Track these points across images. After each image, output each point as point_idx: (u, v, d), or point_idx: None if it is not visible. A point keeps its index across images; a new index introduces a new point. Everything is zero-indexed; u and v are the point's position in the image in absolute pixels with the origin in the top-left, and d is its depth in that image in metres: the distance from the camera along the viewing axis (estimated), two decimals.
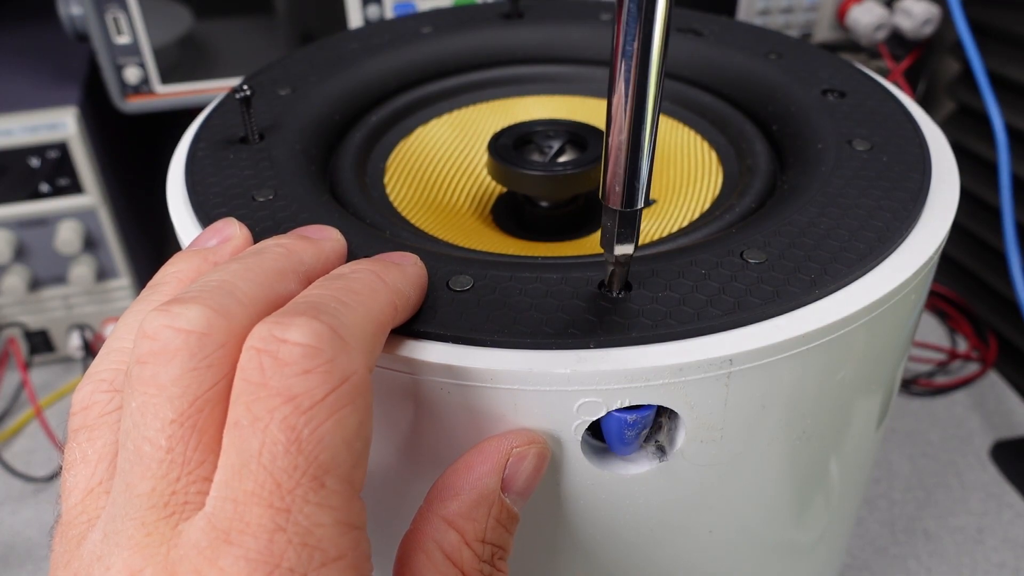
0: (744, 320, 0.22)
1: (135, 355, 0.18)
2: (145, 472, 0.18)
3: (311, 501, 0.17)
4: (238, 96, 0.29)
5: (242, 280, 0.19)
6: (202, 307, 0.18)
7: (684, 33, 0.38)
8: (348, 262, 0.22)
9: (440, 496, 0.21)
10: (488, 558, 0.20)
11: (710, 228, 0.29)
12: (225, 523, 0.17)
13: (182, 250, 0.23)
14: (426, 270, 0.23)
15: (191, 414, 0.18)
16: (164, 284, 0.21)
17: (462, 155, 0.37)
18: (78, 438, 0.20)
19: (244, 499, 0.17)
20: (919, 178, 0.28)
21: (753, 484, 0.26)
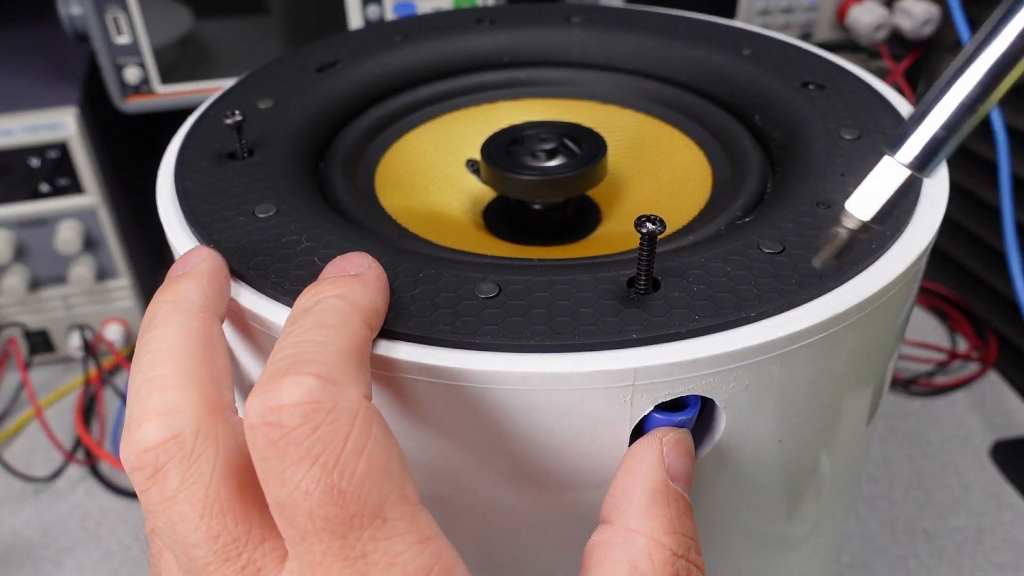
0: (784, 307, 0.23)
1: (136, 486, 0.19)
2: (208, 569, 0.19)
3: (380, 538, 0.18)
4: (229, 122, 0.29)
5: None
6: (152, 422, 0.19)
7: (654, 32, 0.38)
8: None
9: (614, 509, 0.21)
10: (684, 551, 0.20)
11: (714, 225, 0.29)
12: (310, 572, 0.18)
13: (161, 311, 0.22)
14: (381, 267, 0.23)
15: (211, 503, 0.19)
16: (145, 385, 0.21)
17: (449, 162, 0.37)
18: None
19: (322, 562, 0.18)
20: None
21: (747, 478, 0.26)
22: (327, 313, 0.20)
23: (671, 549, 0.20)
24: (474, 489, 0.25)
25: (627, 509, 0.20)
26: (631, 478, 0.21)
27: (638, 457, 0.21)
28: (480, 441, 0.24)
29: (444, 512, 0.26)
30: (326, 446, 0.17)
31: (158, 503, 0.19)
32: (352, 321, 0.20)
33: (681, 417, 0.23)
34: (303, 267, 0.25)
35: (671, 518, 0.20)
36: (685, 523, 0.20)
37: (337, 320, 0.20)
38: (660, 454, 0.21)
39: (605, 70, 0.38)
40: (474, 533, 0.26)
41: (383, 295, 0.22)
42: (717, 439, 0.24)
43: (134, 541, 0.51)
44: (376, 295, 0.22)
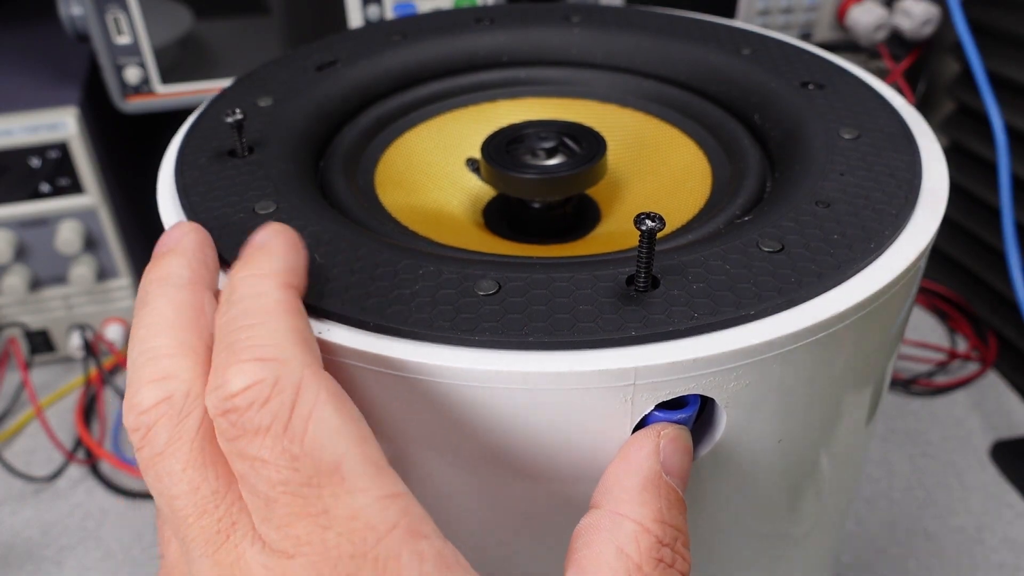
0: (783, 305, 0.23)
1: (135, 449, 0.21)
2: (188, 520, 0.20)
3: (340, 494, 0.18)
4: (229, 120, 0.29)
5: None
6: (148, 387, 0.21)
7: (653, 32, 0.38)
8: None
9: (605, 494, 0.21)
10: (671, 541, 0.20)
11: (714, 223, 0.29)
12: (281, 544, 0.19)
13: (153, 281, 0.23)
14: (287, 228, 0.24)
15: (194, 456, 0.20)
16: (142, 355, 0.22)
17: (449, 160, 0.37)
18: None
19: (286, 522, 0.19)
20: (910, 162, 0.29)
21: (747, 477, 0.26)
22: (248, 296, 0.21)
23: (657, 537, 0.20)
24: (474, 487, 0.25)
25: (618, 495, 0.21)
26: (625, 466, 0.21)
27: (635, 446, 0.21)
28: (480, 438, 0.24)
29: (443, 508, 0.26)
30: (274, 417, 0.19)
31: (149, 459, 0.20)
32: (273, 295, 0.21)
33: (681, 415, 0.23)
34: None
35: (661, 508, 0.20)
36: (675, 516, 0.21)
37: (257, 299, 0.21)
38: (656, 446, 0.21)
39: (605, 69, 0.38)
40: (473, 529, 0.26)
41: (293, 253, 0.23)
42: (717, 438, 0.24)
43: (135, 541, 0.51)
44: (284, 257, 0.22)
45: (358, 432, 0.19)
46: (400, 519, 0.19)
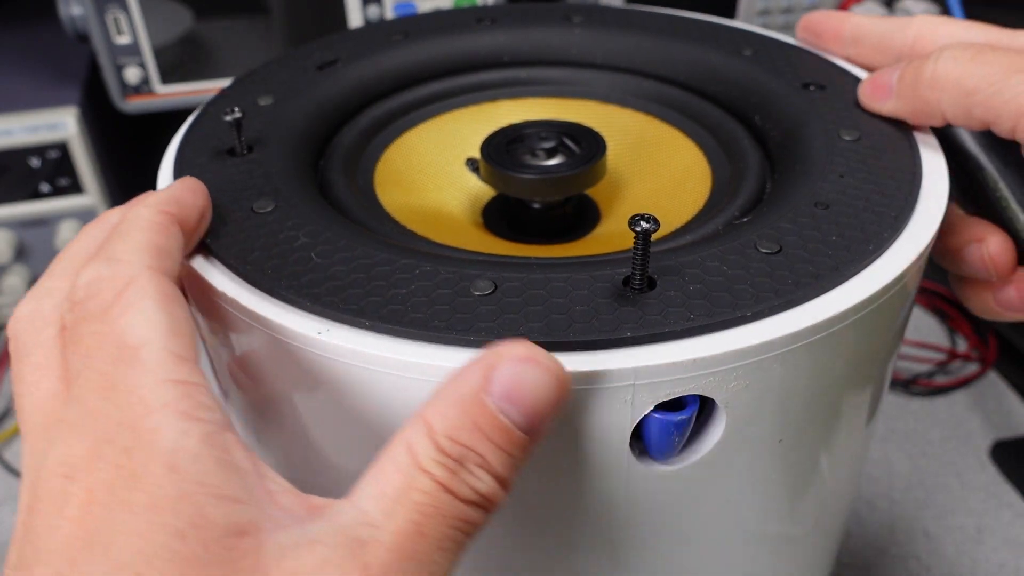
0: (780, 307, 0.23)
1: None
2: (23, 418, 0.22)
3: (130, 374, 0.20)
4: (228, 119, 0.29)
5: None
6: (26, 299, 0.24)
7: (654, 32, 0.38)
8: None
9: (426, 401, 0.21)
10: (456, 456, 0.20)
11: (712, 224, 0.29)
12: (74, 417, 0.20)
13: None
14: (195, 179, 0.26)
15: (42, 361, 0.22)
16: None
17: (449, 160, 0.37)
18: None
19: (83, 396, 0.20)
20: (910, 164, 0.29)
21: (747, 478, 0.26)
22: (124, 220, 0.24)
23: (443, 448, 0.20)
24: None
25: (431, 401, 0.20)
26: (451, 380, 0.21)
27: (469, 365, 0.21)
28: None
29: None
30: (101, 305, 0.21)
31: (12, 363, 0.23)
32: (142, 216, 0.24)
33: (680, 417, 0.23)
34: (300, 263, 0.25)
35: (460, 425, 0.20)
36: (477, 440, 0.20)
37: (129, 223, 0.24)
38: (487, 367, 0.20)
39: (605, 70, 0.38)
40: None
41: (182, 189, 0.26)
42: (717, 439, 0.24)
43: None
44: (170, 191, 0.25)
45: (171, 327, 0.21)
46: (176, 401, 0.20)
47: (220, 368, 0.30)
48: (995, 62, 0.28)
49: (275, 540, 0.19)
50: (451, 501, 0.19)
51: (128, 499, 0.18)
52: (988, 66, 0.28)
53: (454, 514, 0.19)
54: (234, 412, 0.32)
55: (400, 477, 0.19)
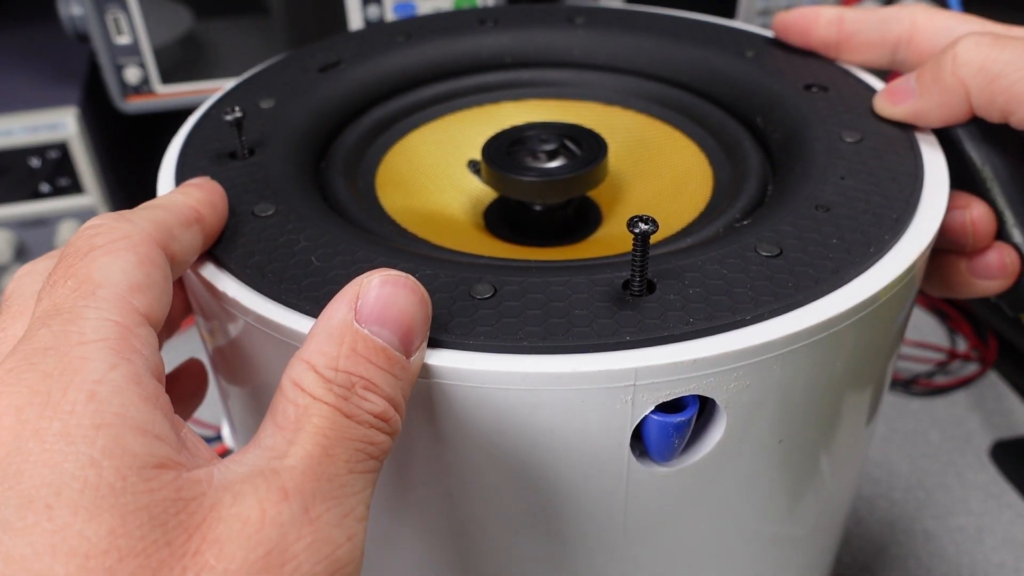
0: (780, 310, 0.23)
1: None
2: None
3: (80, 307, 0.20)
4: (228, 118, 0.29)
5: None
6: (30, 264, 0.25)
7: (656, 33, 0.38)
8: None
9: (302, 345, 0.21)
10: (343, 383, 0.20)
11: (713, 227, 0.29)
12: (31, 335, 0.20)
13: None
14: (221, 188, 0.27)
15: (20, 310, 0.23)
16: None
17: (450, 162, 0.37)
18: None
19: (31, 323, 0.20)
20: (912, 166, 0.29)
21: (747, 478, 0.26)
22: (159, 200, 0.25)
23: (327, 377, 0.20)
24: (471, 488, 0.25)
25: (305, 344, 0.21)
26: (320, 318, 0.21)
27: (333, 300, 0.21)
28: (475, 440, 0.24)
29: (440, 509, 0.26)
30: (88, 242, 0.22)
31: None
32: (170, 198, 0.25)
33: (680, 419, 0.23)
34: (300, 266, 0.25)
35: (340, 356, 0.20)
36: (359, 364, 0.20)
37: (160, 202, 0.25)
38: (353, 296, 0.21)
39: (607, 71, 0.38)
40: (471, 531, 0.26)
41: (215, 196, 0.27)
42: (717, 439, 0.24)
43: None
44: (198, 187, 0.27)
45: (140, 284, 0.21)
46: (114, 339, 0.19)
47: (220, 369, 0.30)
48: (1018, 48, 0.27)
49: (194, 476, 0.18)
50: (349, 423, 0.20)
51: (39, 427, 0.18)
52: (1011, 52, 0.27)
53: (355, 436, 0.20)
54: (234, 412, 0.32)
55: (295, 408, 0.20)
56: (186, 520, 0.17)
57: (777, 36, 0.36)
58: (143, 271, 0.22)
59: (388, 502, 0.26)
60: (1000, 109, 0.28)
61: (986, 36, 0.28)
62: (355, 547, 0.19)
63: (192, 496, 0.18)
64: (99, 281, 0.21)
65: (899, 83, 0.31)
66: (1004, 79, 0.27)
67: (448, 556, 0.27)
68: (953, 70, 0.28)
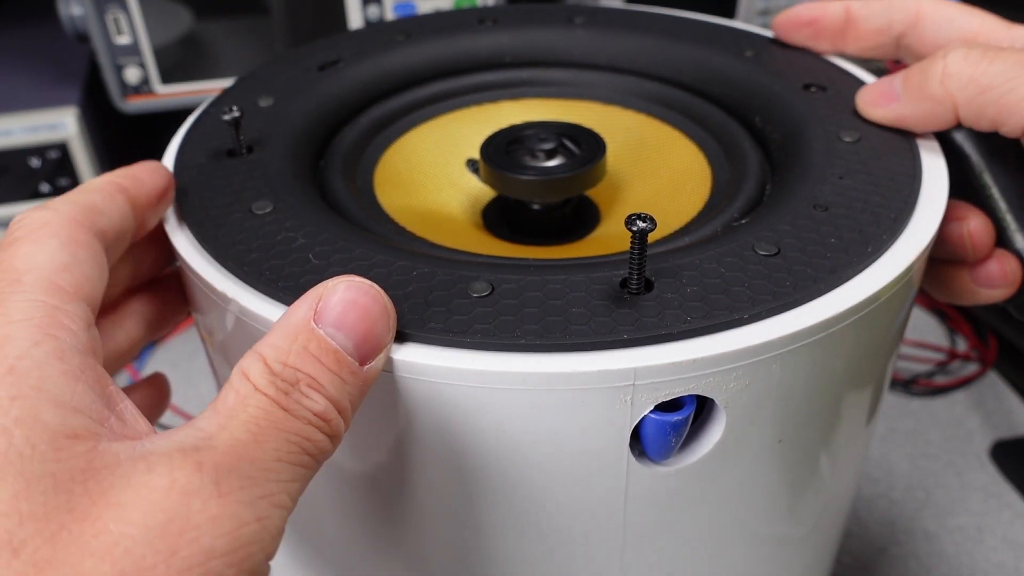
0: (777, 309, 0.23)
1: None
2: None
3: (5, 291, 0.21)
4: (226, 118, 0.29)
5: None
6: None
7: (656, 33, 0.38)
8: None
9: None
10: (289, 378, 0.20)
11: (711, 226, 0.29)
12: None
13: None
14: (156, 162, 0.28)
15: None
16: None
17: (449, 161, 0.37)
18: None
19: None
20: (910, 166, 0.29)
21: (747, 478, 0.26)
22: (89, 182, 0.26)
23: (274, 370, 0.20)
24: (468, 488, 0.25)
25: (264, 338, 0.21)
26: (281, 317, 0.22)
27: (298, 301, 0.22)
28: (471, 440, 0.24)
29: (437, 508, 0.26)
30: (12, 236, 0.22)
31: None
32: (87, 184, 0.25)
33: (676, 418, 0.23)
34: (297, 264, 0.25)
35: (290, 352, 0.21)
36: (308, 362, 0.21)
37: (85, 186, 0.25)
38: (315, 298, 0.22)
39: (607, 71, 0.38)
40: (467, 531, 0.26)
41: (148, 172, 0.27)
42: (717, 439, 0.24)
43: None
44: (133, 169, 0.27)
45: (65, 264, 0.22)
46: (39, 318, 0.20)
47: (219, 367, 0.30)
48: (1008, 60, 0.28)
49: (110, 448, 0.19)
50: (285, 416, 0.20)
51: None
52: (1002, 64, 0.28)
53: (290, 428, 0.20)
54: None
55: (235, 396, 0.20)
56: (94, 487, 0.18)
57: (779, 34, 0.36)
58: (67, 251, 0.22)
59: (388, 500, 0.27)
60: (991, 119, 0.28)
61: (975, 49, 0.28)
62: (264, 530, 0.19)
63: (105, 465, 0.18)
64: (23, 268, 0.21)
65: (883, 84, 0.31)
66: (994, 91, 0.27)
67: (447, 555, 0.27)
68: (942, 81, 0.29)
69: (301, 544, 0.32)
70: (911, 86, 0.30)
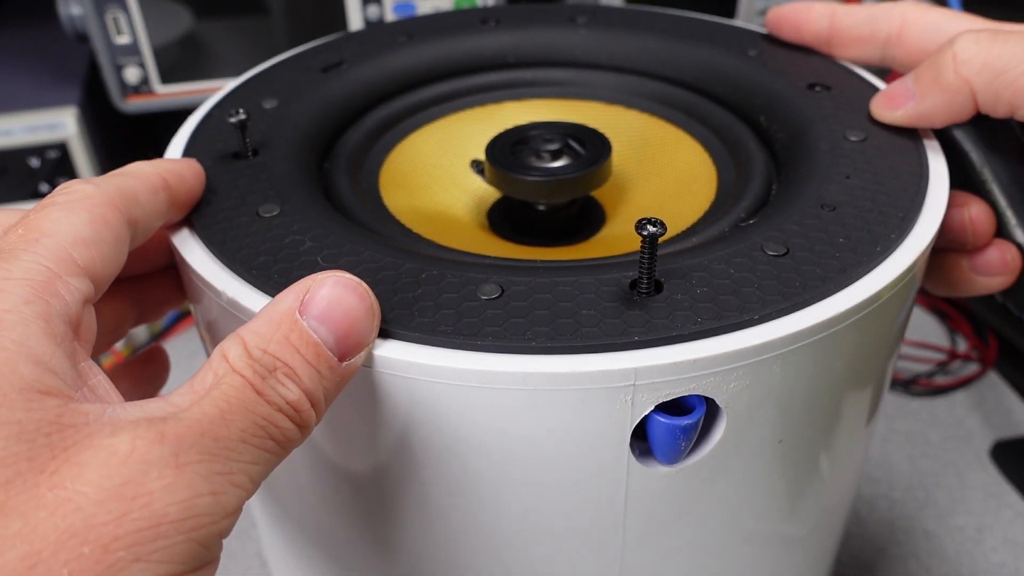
0: (788, 309, 0.23)
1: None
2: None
3: (18, 247, 0.21)
4: (232, 121, 0.29)
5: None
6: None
7: (659, 33, 0.38)
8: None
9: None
10: (266, 364, 0.21)
11: (718, 227, 0.29)
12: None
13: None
14: (198, 163, 0.28)
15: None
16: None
17: (454, 162, 0.37)
18: None
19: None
20: (916, 165, 0.29)
21: (747, 478, 0.26)
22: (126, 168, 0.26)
23: (252, 355, 0.21)
24: (475, 487, 0.25)
25: (248, 323, 0.21)
26: (267, 305, 0.22)
27: (285, 291, 0.22)
28: (480, 441, 0.24)
29: (444, 506, 0.26)
30: (49, 200, 0.23)
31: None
32: (136, 168, 0.26)
33: (687, 422, 0.23)
34: (306, 267, 0.25)
35: (271, 340, 0.21)
36: (287, 352, 0.21)
37: (127, 170, 0.25)
38: (303, 289, 0.22)
39: (610, 71, 0.38)
40: (472, 529, 0.26)
41: (183, 165, 0.28)
42: (717, 439, 0.24)
43: None
44: (169, 163, 0.27)
45: (87, 239, 0.22)
46: (38, 281, 0.20)
47: None
48: (1019, 42, 0.27)
49: (80, 408, 0.19)
50: (257, 399, 0.20)
51: None
52: (1013, 45, 0.27)
53: (260, 412, 0.20)
54: None
55: (212, 376, 0.20)
56: (56, 443, 0.18)
57: (770, 31, 0.36)
58: (92, 228, 0.22)
59: (390, 500, 0.27)
60: (1008, 103, 0.28)
61: (984, 32, 0.28)
62: (218, 504, 0.19)
63: (71, 423, 0.18)
64: (46, 231, 0.22)
65: (896, 87, 0.31)
66: (1009, 73, 0.27)
67: (446, 555, 0.27)
68: (955, 69, 0.28)
69: (301, 540, 0.32)
70: (925, 81, 0.29)
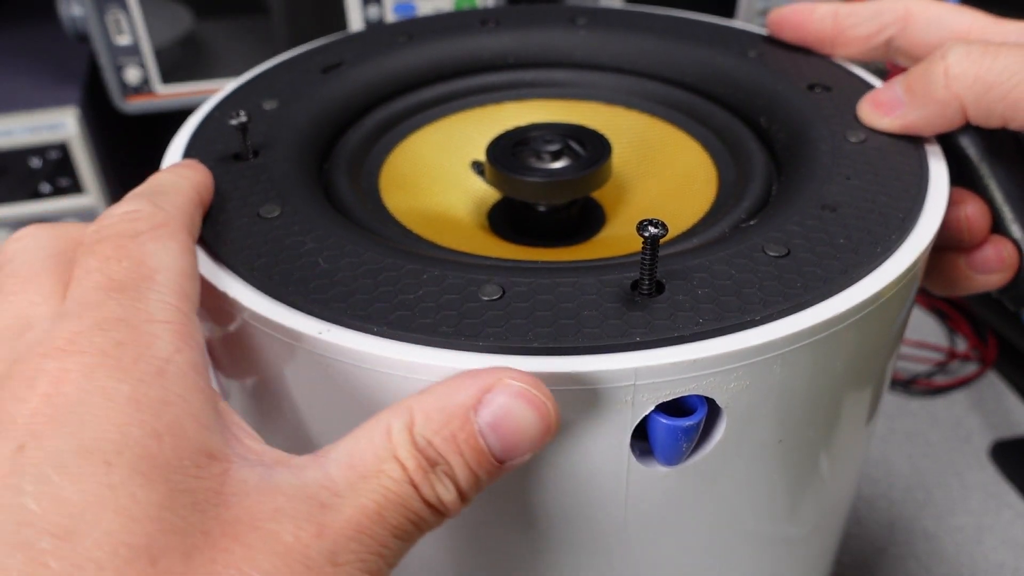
0: (789, 310, 0.23)
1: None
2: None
3: (141, 284, 0.21)
4: (233, 123, 0.29)
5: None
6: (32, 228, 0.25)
7: (659, 34, 0.38)
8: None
9: (417, 394, 0.21)
10: (431, 458, 0.20)
11: (719, 227, 0.29)
12: (72, 302, 0.20)
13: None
14: (209, 177, 0.28)
15: (31, 273, 0.22)
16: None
17: (454, 163, 0.37)
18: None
19: (83, 292, 0.20)
20: (917, 165, 0.29)
21: (747, 478, 0.26)
22: (162, 173, 0.26)
23: (416, 445, 0.20)
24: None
25: (420, 396, 0.21)
26: (450, 383, 0.21)
27: (468, 378, 0.21)
28: None
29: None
30: (132, 226, 0.22)
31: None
32: (180, 187, 0.25)
33: (689, 423, 0.23)
34: (307, 268, 0.25)
35: (439, 434, 0.20)
36: (450, 450, 0.20)
37: (170, 186, 0.25)
38: (484, 388, 0.21)
39: (610, 71, 0.38)
40: (468, 531, 0.26)
41: (210, 181, 0.28)
42: (717, 439, 0.24)
43: None
44: (201, 178, 0.27)
45: (186, 271, 0.22)
46: (177, 323, 0.20)
47: (223, 369, 0.30)
48: (1010, 55, 0.27)
49: (240, 474, 0.19)
50: (413, 495, 0.20)
51: (108, 387, 0.18)
52: (1005, 59, 0.27)
53: (414, 509, 0.20)
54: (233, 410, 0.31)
55: (373, 457, 0.20)
56: (223, 514, 0.18)
57: (771, 33, 0.36)
58: (186, 259, 0.22)
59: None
60: (1000, 116, 0.28)
61: (976, 46, 0.28)
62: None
63: (234, 492, 0.18)
64: (154, 266, 0.21)
65: (885, 93, 0.31)
66: (1001, 87, 0.27)
67: (446, 555, 0.27)
68: (946, 84, 0.28)
69: None
70: (915, 91, 0.29)
